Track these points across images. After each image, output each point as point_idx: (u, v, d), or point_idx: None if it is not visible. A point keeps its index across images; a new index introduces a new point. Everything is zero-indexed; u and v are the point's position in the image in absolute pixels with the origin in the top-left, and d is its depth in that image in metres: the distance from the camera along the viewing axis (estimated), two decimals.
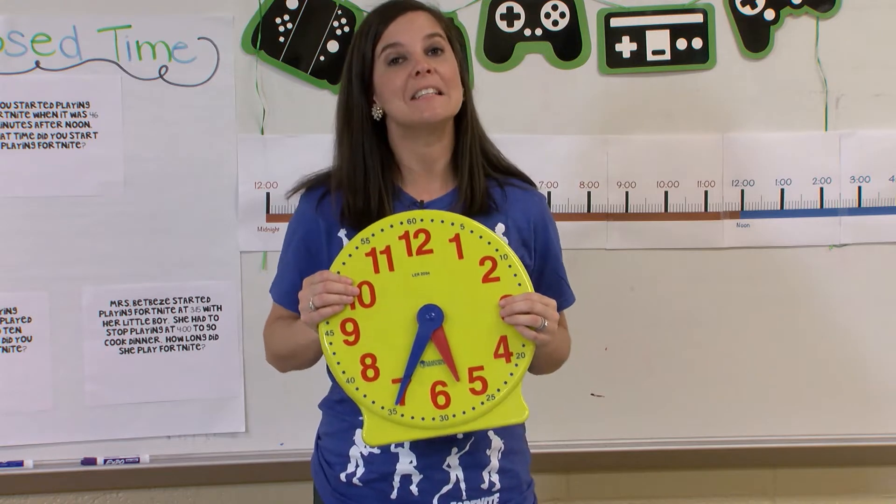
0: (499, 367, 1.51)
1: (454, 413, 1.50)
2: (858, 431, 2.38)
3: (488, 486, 1.63)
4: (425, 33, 1.59)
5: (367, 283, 1.51)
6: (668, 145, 2.31)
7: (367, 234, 1.52)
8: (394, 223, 1.52)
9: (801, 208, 2.32)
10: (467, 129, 1.65)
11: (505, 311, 1.49)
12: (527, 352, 1.51)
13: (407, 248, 1.52)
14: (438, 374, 1.50)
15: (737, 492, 2.43)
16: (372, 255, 1.52)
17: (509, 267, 1.52)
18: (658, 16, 2.29)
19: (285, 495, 2.30)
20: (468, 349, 1.51)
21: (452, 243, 1.52)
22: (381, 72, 1.60)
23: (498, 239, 1.54)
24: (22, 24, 2.18)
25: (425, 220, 1.52)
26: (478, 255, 1.52)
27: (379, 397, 1.50)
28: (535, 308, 1.49)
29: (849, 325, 2.35)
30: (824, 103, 2.31)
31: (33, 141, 2.20)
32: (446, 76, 1.59)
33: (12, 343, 2.22)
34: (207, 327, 2.27)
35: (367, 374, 1.50)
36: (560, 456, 2.33)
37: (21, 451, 2.25)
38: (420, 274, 1.51)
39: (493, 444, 1.64)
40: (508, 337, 1.51)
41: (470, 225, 1.53)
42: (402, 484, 1.61)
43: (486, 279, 1.52)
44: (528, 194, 1.70)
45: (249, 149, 2.25)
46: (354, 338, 1.51)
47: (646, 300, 2.33)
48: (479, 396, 1.50)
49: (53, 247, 2.22)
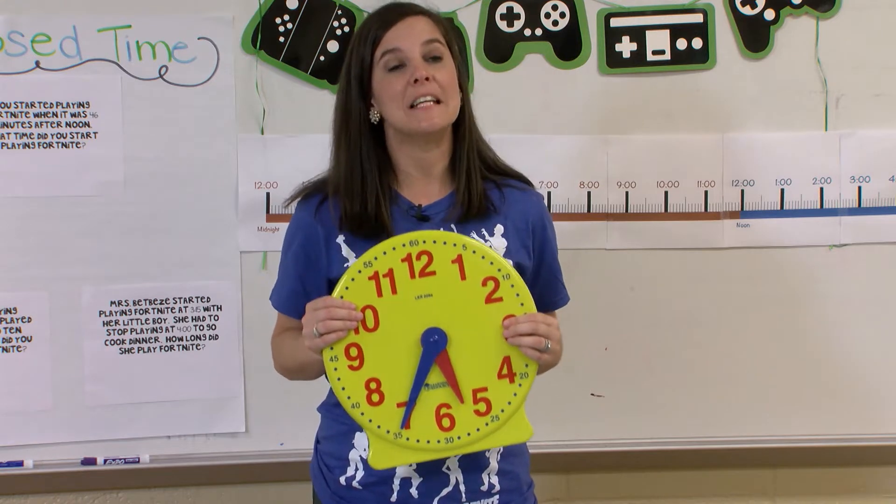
0: (502, 387, 1.51)
1: (459, 435, 1.51)
2: (858, 431, 2.38)
3: (488, 487, 1.63)
4: (424, 39, 1.59)
5: (371, 306, 1.51)
6: (668, 145, 2.31)
7: (369, 257, 1.52)
8: (396, 245, 1.52)
9: (801, 208, 2.32)
10: (465, 135, 1.65)
11: (509, 332, 1.50)
12: (530, 372, 1.52)
13: (409, 271, 1.51)
14: (443, 397, 1.51)
15: (737, 492, 2.43)
16: (375, 278, 1.51)
17: (512, 287, 1.52)
18: (658, 16, 2.29)
19: (285, 495, 2.30)
20: (472, 371, 1.51)
21: (455, 264, 1.52)
22: (379, 77, 1.60)
23: (500, 258, 1.54)
24: (22, 24, 2.18)
25: (427, 242, 1.52)
26: (480, 275, 1.52)
27: (384, 422, 1.51)
28: (538, 329, 1.49)
29: (849, 325, 2.35)
30: (824, 103, 2.31)
31: (33, 141, 2.20)
32: (444, 83, 1.59)
33: (12, 343, 2.22)
34: (207, 327, 2.27)
35: (371, 398, 1.51)
36: (560, 456, 2.33)
37: (21, 451, 2.25)
38: (423, 296, 1.51)
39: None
40: (512, 357, 1.51)
41: (472, 245, 1.53)
42: (401, 487, 1.61)
43: (489, 300, 1.52)
44: (526, 195, 1.70)
45: (249, 149, 2.25)
46: (359, 363, 1.51)
47: (646, 300, 2.33)
48: (484, 417, 1.51)
49: (53, 247, 2.22)
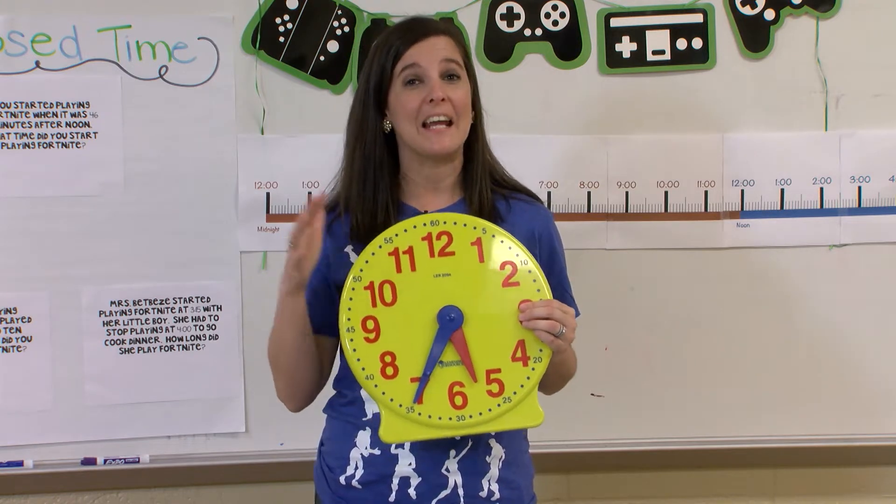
0: (516, 370, 1.52)
1: (471, 414, 1.51)
2: (858, 431, 2.38)
3: (487, 494, 1.63)
4: (443, 57, 1.62)
5: (390, 281, 1.53)
6: (668, 145, 2.31)
7: (390, 233, 1.54)
8: (417, 224, 1.55)
9: (801, 208, 2.32)
10: (478, 152, 1.68)
11: (524, 315, 1.51)
12: (543, 357, 1.53)
13: (430, 249, 1.54)
14: (456, 375, 1.52)
15: (737, 492, 2.43)
16: (395, 254, 1.53)
17: (529, 272, 1.54)
18: (658, 16, 2.29)
19: (285, 495, 2.30)
20: (486, 351, 1.52)
21: (474, 247, 1.54)
22: (397, 91, 1.62)
23: (519, 244, 1.56)
24: (22, 24, 2.18)
25: (448, 223, 1.55)
26: (499, 259, 1.54)
27: (397, 395, 1.51)
28: (554, 314, 1.50)
29: (849, 325, 2.35)
30: (824, 103, 2.31)
31: (33, 141, 2.20)
32: (458, 104, 1.61)
33: (12, 343, 2.22)
34: (207, 327, 2.27)
35: (386, 371, 1.52)
36: (560, 456, 2.33)
37: (21, 451, 2.25)
38: (441, 275, 1.53)
39: (494, 452, 1.64)
40: (526, 341, 1.52)
41: (492, 229, 1.55)
42: (400, 486, 1.61)
43: (507, 283, 1.54)
44: (534, 207, 1.72)
45: (249, 149, 2.25)
46: (375, 335, 1.52)
47: (646, 300, 2.33)
48: (496, 398, 1.52)
49: (53, 247, 2.22)
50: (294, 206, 2.26)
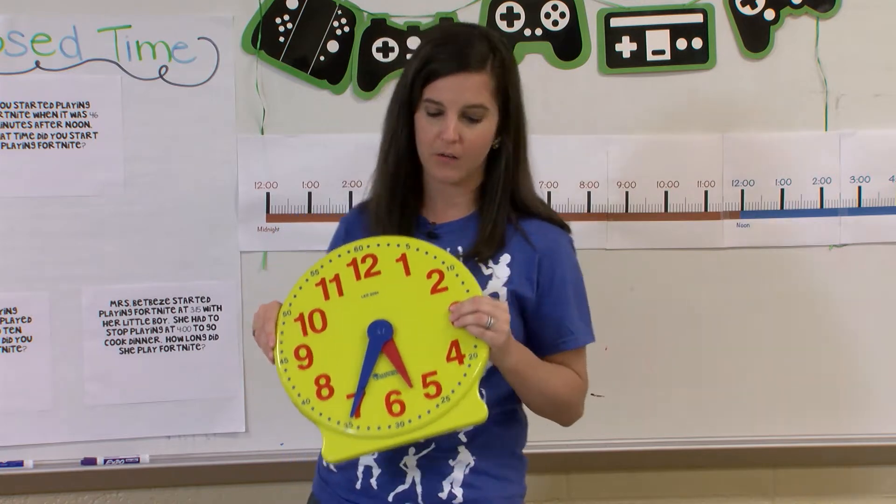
0: (452, 369, 1.52)
1: (410, 418, 1.51)
2: (858, 431, 2.38)
3: (448, 496, 1.62)
4: (466, 103, 1.59)
5: (319, 310, 1.57)
6: (668, 145, 2.31)
7: (316, 266, 1.60)
8: (342, 253, 1.60)
9: (801, 208, 2.32)
10: (496, 175, 1.67)
11: (453, 314, 1.52)
12: (479, 353, 1.52)
13: (356, 273, 1.58)
14: (393, 385, 1.52)
15: (737, 492, 2.43)
16: (322, 284, 1.58)
17: (457, 276, 1.55)
18: (658, 16, 2.29)
19: (285, 495, 2.30)
20: (420, 357, 1.53)
21: (399, 262, 1.57)
22: (421, 114, 1.63)
23: (445, 253, 1.57)
24: (22, 24, 2.18)
25: (371, 246, 1.59)
26: (425, 269, 1.56)
27: (334, 413, 1.52)
28: (481, 307, 1.50)
29: (849, 325, 2.35)
30: (824, 103, 2.31)
31: (33, 141, 2.20)
32: (470, 145, 1.61)
33: (12, 343, 2.22)
34: (207, 327, 2.28)
35: (321, 393, 1.54)
36: (560, 456, 2.33)
37: (21, 451, 2.25)
38: (369, 294, 1.57)
39: (460, 457, 1.63)
40: (460, 340, 1.52)
41: (416, 244, 1.58)
42: (364, 476, 1.65)
43: (435, 290, 1.55)
44: (545, 227, 1.70)
45: (249, 149, 2.25)
46: (308, 362, 1.55)
47: (646, 300, 2.33)
48: (434, 399, 1.51)
49: (53, 247, 2.22)
50: (294, 206, 2.26)
